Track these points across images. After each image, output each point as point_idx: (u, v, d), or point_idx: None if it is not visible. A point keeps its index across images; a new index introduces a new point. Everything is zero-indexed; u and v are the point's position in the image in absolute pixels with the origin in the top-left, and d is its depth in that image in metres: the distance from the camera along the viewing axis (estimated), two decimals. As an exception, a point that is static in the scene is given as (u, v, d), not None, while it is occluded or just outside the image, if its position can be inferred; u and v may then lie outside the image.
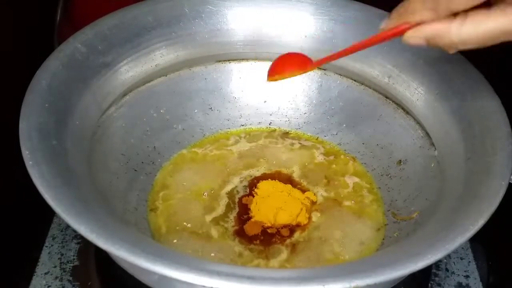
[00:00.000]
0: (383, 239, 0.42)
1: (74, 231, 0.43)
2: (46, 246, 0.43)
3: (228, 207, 0.43)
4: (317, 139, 0.51)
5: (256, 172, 0.47)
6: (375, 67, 0.47)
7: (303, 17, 0.49)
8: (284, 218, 0.42)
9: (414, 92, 0.45)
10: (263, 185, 0.45)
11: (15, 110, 0.34)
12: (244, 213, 0.43)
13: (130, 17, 0.45)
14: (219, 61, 0.51)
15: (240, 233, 0.41)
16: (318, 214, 0.43)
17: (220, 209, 0.43)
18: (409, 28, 0.30)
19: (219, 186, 0.45)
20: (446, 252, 0.29)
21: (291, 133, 0.51)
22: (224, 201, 0.44)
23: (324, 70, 0.51)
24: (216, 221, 0.42)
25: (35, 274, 0.41)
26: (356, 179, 0.47)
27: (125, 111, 0.45)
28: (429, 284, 0.43)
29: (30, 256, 0.43)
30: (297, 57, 0.37)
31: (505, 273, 0.48)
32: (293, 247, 0.41)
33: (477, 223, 0.31)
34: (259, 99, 0.52)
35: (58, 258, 0.42)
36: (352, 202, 0.45)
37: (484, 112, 0.39)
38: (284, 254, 0.40)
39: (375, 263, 0.29)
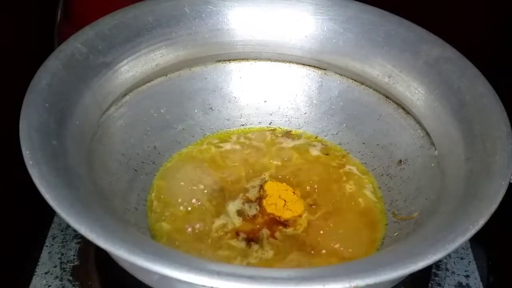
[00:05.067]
0: (383, 239, 0.42)
1: (74, 231, 0.43)
2: (46, 246, 0.43)
3: (230, 207, 0.43)
4: (316, 138, 0.51)
5: (258, 171, 0.47)
6: (375, 67, 0.47)
7: (303, 17, 0.49)
8: (288, 216, 0.43)
9: (414, 92, 0.45)
10: (267, 185, 0.45)
11: (15, 110, 0.34)
12: (248, 212, 0.43)
13: (130, 17, 0.45)
14: (219, 61, 0.51)
15: (242, 232, 0.41)
16: (319, 213, 0.43)
17: (221, 208, 0.43)
18: None
19: (219, 185, 0.45)
20: (446, 252, 0.29)
21: (293, 132, 0.51)
22: (224, 200, 0.44)
23: (324, 70, 0.51)
24: (216, 220, 0.42)
25: (35, 274, 0.41)
26: (357, 179, 0.47)
27: (125, 111, 0.45)
28: (429, 284, 0.43)
29: (30, 256, 0.43)
30: None
31: (505, 273, 0.48)
32: (292, 244, 0.41)
33: (477, 223, 0.31)
34: (259, 99, 0.52)
35: (58, 258, 0.42)
36: (353, 201, 0.45)
37: (484, 112, 0.39)
38: (281, 251, 0.40)
39: (375, 263, 0.29)
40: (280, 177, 0.47)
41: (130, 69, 0.44)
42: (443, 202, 0.36)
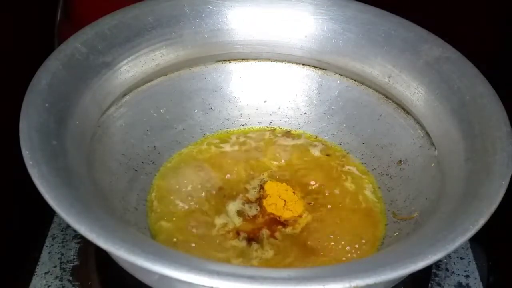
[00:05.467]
0: (383, 239, 0.42)
1: (74, 231, 0.43)
2: (46, 246, 0.43)
3: (230, 207, 0.43)
4: (316, 138, 0.51)
5: (258, 171, 0.47)
6: (375, 67, 0.47)
7: (303, 17, 0.49)
8: (288, 216, 0.43)
9: (414, 92, 0.45)
10: (267, 185, 0.45)
11: (15, 110, 0.34)
12: (248, 213, 0.43)
13: (130, 17, 0.45)
14: (219, 61, 0.51)
15: (242, 232, 0.41)
16: (319, 213, 0.43)
17: (222, 208, 0.43)
18: None
19: (219, 185, 0.45)
20: (446, 252, 0.29)
21: (293, 132, 0.51)
22: (224, 200, 0.44)
23: (324, 70, 0.51)
24: (216, 219, 0.42)
25: (35, 274, 0.41)
26: (357, 179, 0.47)
27: (125, 111, 0.45)
28: (429, 284, 0.43)
29: (30, 256, 0.43)
30: None
31: (505, 273, 0.48)
32: (292, 244, 0.41)
33: (477, 223, 0.31)
34: (259, 99, 0.52)
35: (58, 258, 0.42)
36: (353, 201, 0.45)
37: (484, 112, 0.39)
38: (281, 251, 0.40)
39: (375, 263, 0.29)
40: (280, 177, 0.47)
41: (130, 69, 0.44)
42: (443, 202, 0.36)
